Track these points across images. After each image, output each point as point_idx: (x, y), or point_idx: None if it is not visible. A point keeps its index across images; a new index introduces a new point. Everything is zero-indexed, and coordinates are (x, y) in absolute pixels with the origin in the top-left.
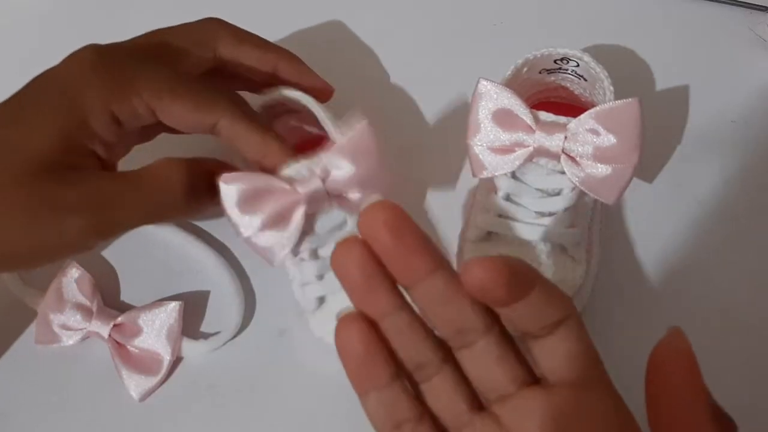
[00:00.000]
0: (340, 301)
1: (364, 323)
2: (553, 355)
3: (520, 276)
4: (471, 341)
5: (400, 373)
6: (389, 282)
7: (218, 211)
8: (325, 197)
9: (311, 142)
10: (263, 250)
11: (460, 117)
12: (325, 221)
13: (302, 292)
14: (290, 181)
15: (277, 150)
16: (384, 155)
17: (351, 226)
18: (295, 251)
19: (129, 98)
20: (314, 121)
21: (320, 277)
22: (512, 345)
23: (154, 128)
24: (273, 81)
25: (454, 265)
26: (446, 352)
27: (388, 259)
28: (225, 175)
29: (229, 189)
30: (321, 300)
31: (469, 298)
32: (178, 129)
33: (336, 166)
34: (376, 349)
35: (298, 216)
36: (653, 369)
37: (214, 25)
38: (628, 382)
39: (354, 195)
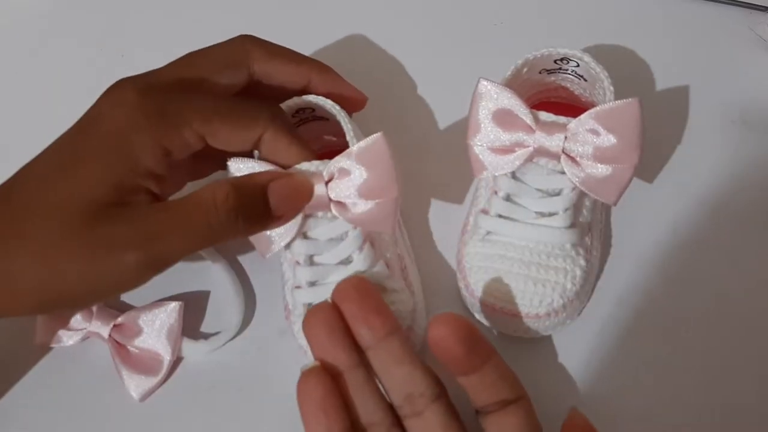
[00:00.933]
0: None
1: (326, 375)
2: (501, 429)
3: (479, 342)
4: (419, 410)
5: (353, 428)
6: (351, 342)
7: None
8: (326, 201)
9: (334, 153)
10: (257, 240)
11: (460, 117)
12: (326, 230)
13: (292, 296)
14: None
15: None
16: (396, 169)
17: (351, 239)
18: (292, 252)
19: (180, 130)
20: (338, 130)
21: (312, 283)
22: (457, 417)
23: (204, 163)
24: (307, 93)
25: (453, 264)
26: (396, 419)
27: (353, 318)
28: (234, 159)
29: (238, 172)
30: (309, 307)
31: (421, 365)
32: (226, 150)
33: (342, 171)
34: (333, 399)
35: (294, 216)
36: None
37: (245, 43)
38: (627, 380)
39: (355, 204)
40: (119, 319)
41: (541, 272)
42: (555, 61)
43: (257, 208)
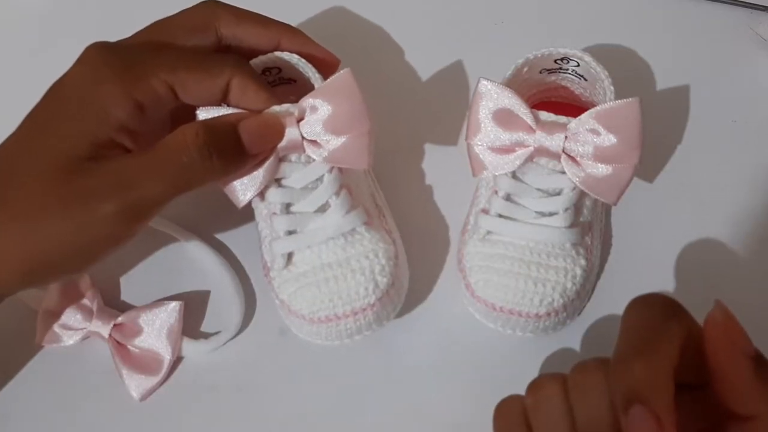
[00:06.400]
0: (307, 260)
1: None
2: None
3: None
4: None
5: None
6: None
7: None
8: (299, 140)
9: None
10: (231, 188)
11: (460, 117)
12: (301, 176)
13: (270, 249)
14: None
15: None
16: (366, 103)
17: (327, 183)
18: (267, 203)
19: (147, 80)
20: (308, 92)
21: (290, 232)
22: None
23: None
24: None
25: (453, 263)
26: None
27: None
28: (203, 107)
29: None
30: (288, 257)
31: None
32: (197, 103)
33: (313, 108)
34: None
35: (270, 156)
36: (706, 343)
37: (212, 7)
38: None
39: (328, 141)
40: (119, 319)
41: (541, 272)
42: (555, 61)
43: (230, 143)
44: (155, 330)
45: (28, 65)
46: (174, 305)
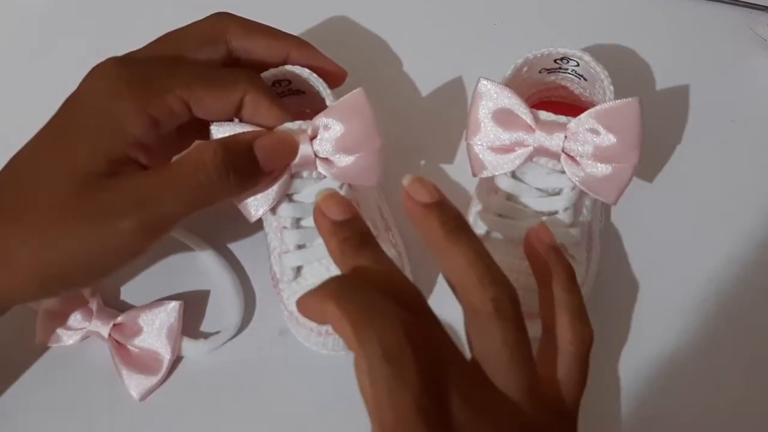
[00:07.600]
0: (316, 273)
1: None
2: None
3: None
4: None
5: None
6: None
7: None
8: (312, 158)
9: None
10: (244, 203)
11: (460, 117)
12: (312, 191)
13: (280, 261)
14: None
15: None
16: (377, 121)
17: None
18: (278, 217)
19: (163, 97)
20: (317, 103)
21: (300, 246)
22: None
23: (191, 141)
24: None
25: None
26: None
27: None
28: (216, 123)
29: (221, 135)
30: (298, 270)
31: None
32: (211, 118)
33: (326, 126)
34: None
35: (283, 173)
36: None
37: (222, 20)
38: (627, 380)
39: (340, 158)
40: (119, 319)
41: None
42: (555, 61)
43: (246, 162)
44: (155, 330)
45: (28, 65)
46: (174, 305)
